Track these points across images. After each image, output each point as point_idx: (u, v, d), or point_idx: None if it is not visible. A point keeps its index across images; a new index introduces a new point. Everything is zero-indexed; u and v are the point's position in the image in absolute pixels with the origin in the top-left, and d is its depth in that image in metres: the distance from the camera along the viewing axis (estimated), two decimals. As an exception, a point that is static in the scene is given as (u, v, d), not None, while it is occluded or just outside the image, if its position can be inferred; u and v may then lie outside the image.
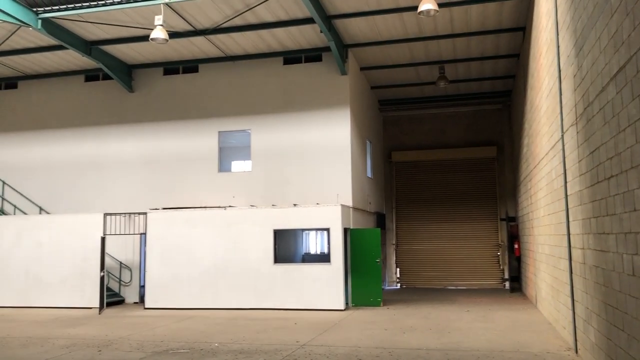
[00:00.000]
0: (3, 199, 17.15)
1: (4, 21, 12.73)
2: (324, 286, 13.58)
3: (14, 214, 16.96)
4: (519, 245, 17.00)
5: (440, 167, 20.36)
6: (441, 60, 16.37)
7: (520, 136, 15.80)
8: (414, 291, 18.56)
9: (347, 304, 14.04)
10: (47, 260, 15.31)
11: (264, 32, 14.39)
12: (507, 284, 19.12)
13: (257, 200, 15.51)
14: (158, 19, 12.34)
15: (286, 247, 15.63)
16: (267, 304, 13.82)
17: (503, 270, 19.32)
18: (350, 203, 15.07)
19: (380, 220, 19.58)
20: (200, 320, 12.47)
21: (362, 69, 17.07)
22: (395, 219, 20.43)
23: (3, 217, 16.21)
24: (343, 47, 15.15)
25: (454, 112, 20.37)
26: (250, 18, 13.66)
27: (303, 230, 14.40)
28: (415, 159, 20.42)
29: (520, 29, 14.08)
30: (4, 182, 17.22)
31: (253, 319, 12.39)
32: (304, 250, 19.25)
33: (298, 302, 13.67)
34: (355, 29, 14.25)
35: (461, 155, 20.00)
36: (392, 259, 20.26)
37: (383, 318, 12.17)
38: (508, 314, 12.60)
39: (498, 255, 19.48)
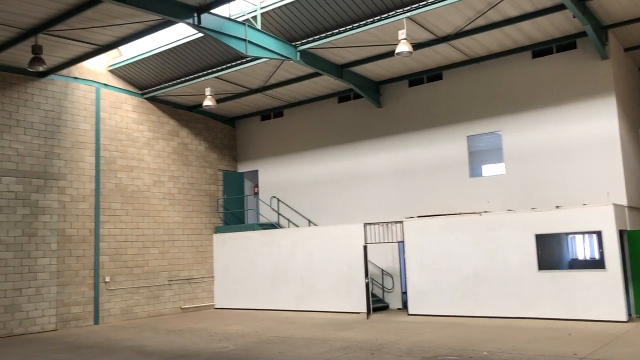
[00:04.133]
0: (279, 214, 19.41)
1: (271, 58, 14.48)
2: (598, 295, 12.28)
3: (288, 227, 19.04)
4: None
5: None
6: None
7: None
8: None
9: (629, 314, 12.46)
10: (318, 267, 16.82)
11: (508, 28, 13.79)
12: None
13: (514, 204, 14.81)
14: (401, 33, 12.74)
15: (549, 252, 14.56)
16: (532, 313, 13.02)
17: None
18: (624, 202, 13.42)
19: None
20: (463, 327, 12.34)
21: (626, 49, 15.19)
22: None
23: (280, 230, 18.34)
24: (601, 29, 13.67)
25: None
26: (494, 16, 13.23)
27: (568, 234, 13.28)
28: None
29: None
30: (278, 200, 19.50)
31: (519, 328, 11.80)
32: (570, 256, 17.71)
33: (568, 312, 12.59)
34: (614, 6, 12.76)
35: None
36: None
37: (678, 332, 10.51)
38: None
39: None
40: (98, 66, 16.77)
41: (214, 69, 16.16)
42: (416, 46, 14.27)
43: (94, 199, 16.27)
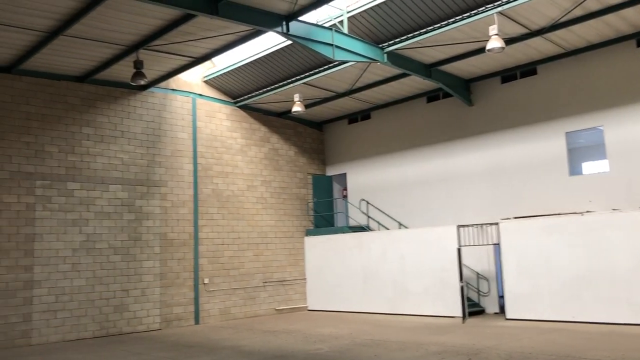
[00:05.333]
0: (368, 217, 19.42)
1: (358, 61, 14.54)
2: None
3: (378, 229, 18.99)
4: None
5: None
6: None
7: None
8: None
9: None
10: (410, 271, 16.64)
11: (609, 17, 12.99)
12: None
13: (619, 203, 13.90)
14: (492, 29, 12.36)
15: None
16: (645, 320, 12.17)
17: None
18: None
19: None
20: (566, 333, 11.75)
21: None
22: None
23: (370, 233, 18.34)
24: None
25: None
26: (592, 5, 12.51)
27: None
28: None
29: None
30: (367, 202, 19.51)
31: (629, 335, 11.06)
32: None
33: (686, 319, 11.66)
34: None
35: None
36: None
37: None
38: None
39: None
40: (193, 78, 17.58)
41: (302, 75, 16.46)
42: (508, 41, 13.76)
43: (193, 204, 17.05)
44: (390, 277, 17.12)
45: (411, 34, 13.89)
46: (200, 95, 17.78)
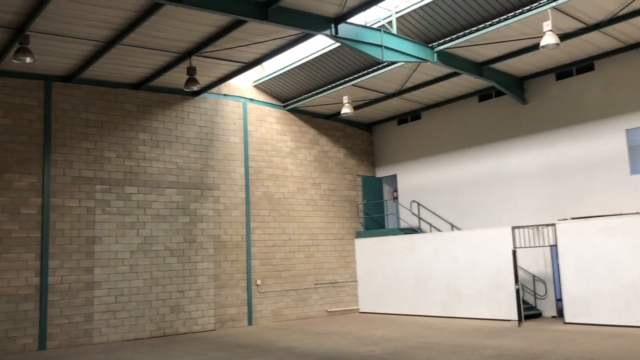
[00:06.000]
0: (420, 218, 19.21)
1: (407, 62, 14.43)
2: None
3: (430, 231, 18.76)
4: None
5: None
6: None
7: None
8: None
9: None
10: (463, 273, 16.36)
11: (672, 8, 12.43)
12: None
13: (686, 202, 13.27)
14: (546, 25, 12.02)
15: None
16: None
17: None
18: None
19: None
20: (629, 338, 11.28)
21: None
22: None
23: (422, 235, 18.14)
24: None
25: None
26: (654, -4, 12.01)
27: None
28: None
29: None
30: (419, 204, 19.31)
31: (700, 342, 10.53)
32: None
33: None
34: None
35: None
36: None
37: None
38: None
39: None
40: (244, 82, 17.86)
41: (351, 77, 16.44)
42: (563, 37, 13.36)
43: (245, 207, 17.30)
44: (443, 279, 16.87)
45: (461, 33, 13.66)
46: (251, 99, 18.04)
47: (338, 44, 14.52)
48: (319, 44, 15.33)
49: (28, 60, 11.62)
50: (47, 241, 13.85)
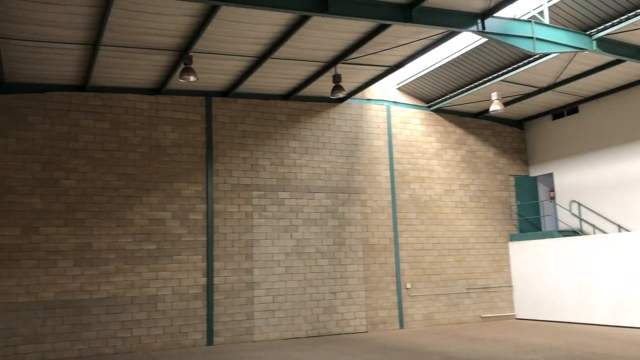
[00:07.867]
0: (581, 219, 17.84)
1: (562, 52, 13.51)
2: None
3: (593, 233, 17.33)
4: None
5: None
6: None
7: None
8: None
9: None
10: (635, 278, 14.88)
11: None
12: None
13: None
14: None
15: None
16: None
17: None
18: None
19: None
20: None
21: None
22: None
23: (584, 237, 16.82)
24: None
25: None
26: None
27: None
28: None
29: None
30: (579, 204, 17.94)
31: None
32: None
33: None
34: None
35: None
36: None
37: None
38: None
39: None
40: (387, 86, 17.92)
41: (499, 73, 15.77)
42: None
43: (391, 210, 17.34)
44: (611, 285, 15.49)
45: (625, 16, 12.49)
46: (395, 102, 18.06)
47: (484, 40, 14.03)
48: (462, 42, 14.92)
49: (192, 79, 12.71)
50: (212, 244, 15.01)
